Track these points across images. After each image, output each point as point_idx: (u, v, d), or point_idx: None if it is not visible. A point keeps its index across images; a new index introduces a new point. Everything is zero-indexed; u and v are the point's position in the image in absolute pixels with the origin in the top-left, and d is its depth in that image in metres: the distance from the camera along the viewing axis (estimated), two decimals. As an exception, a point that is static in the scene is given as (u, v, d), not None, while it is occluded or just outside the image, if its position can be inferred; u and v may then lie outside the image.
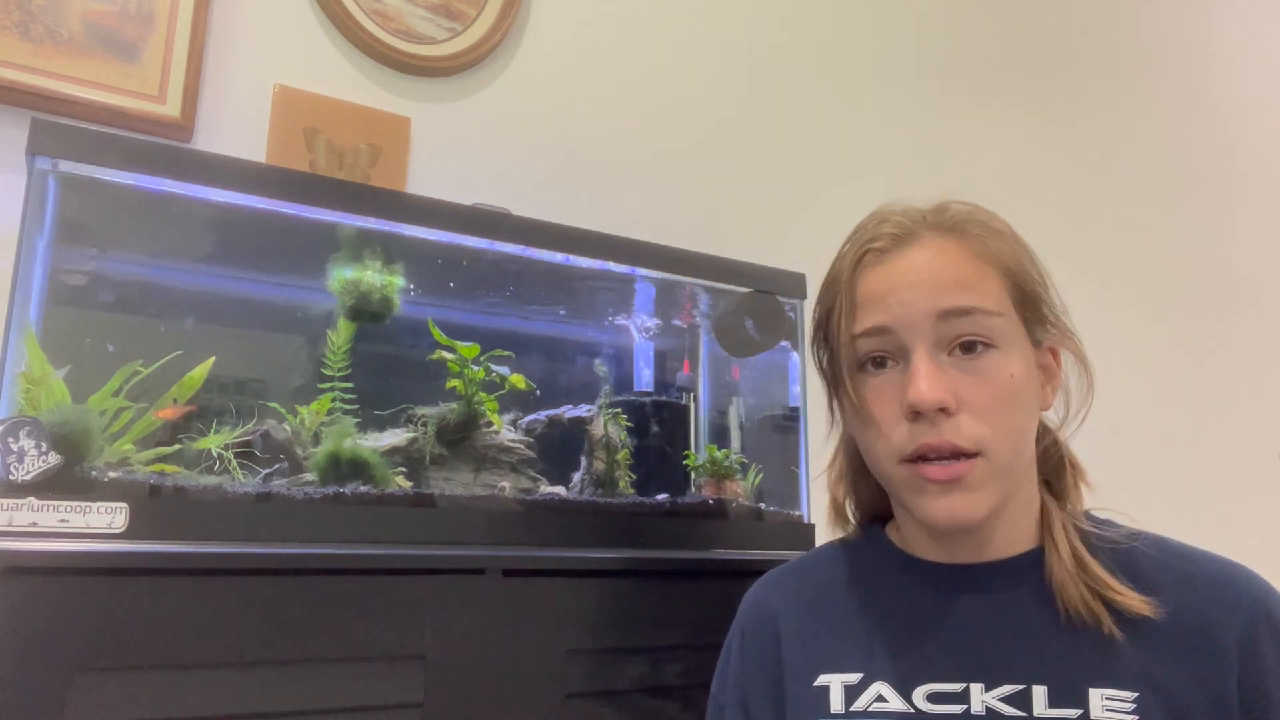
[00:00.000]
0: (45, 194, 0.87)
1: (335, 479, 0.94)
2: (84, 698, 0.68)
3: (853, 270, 0.67)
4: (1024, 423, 0.65)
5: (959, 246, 0.66)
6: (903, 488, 0.65)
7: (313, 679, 0.77)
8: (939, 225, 0.67)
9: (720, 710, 0.76)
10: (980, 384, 0.62)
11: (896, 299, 0.64)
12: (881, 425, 0.65)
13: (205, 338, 1.05)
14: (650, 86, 1.59)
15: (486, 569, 0.86)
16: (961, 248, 0.66)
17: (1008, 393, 0.63)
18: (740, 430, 1.34)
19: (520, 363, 1.13)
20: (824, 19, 1.81)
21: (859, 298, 0.66)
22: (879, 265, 0.66)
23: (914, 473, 0.63)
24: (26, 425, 0.78)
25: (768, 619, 0.74)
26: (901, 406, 0.63)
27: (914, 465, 0.63)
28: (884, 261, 0.66)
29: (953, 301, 0.63)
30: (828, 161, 1.76)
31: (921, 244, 0.66)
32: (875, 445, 0.66)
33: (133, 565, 0.73)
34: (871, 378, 0.66)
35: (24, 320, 0.84)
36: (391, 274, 1.07)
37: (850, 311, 0.66)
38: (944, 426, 0.62)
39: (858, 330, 0.66)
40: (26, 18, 1.10)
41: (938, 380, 0.62)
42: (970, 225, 0.67)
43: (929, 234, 0.66)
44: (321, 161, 1.26)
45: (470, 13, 1.41)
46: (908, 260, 0.65)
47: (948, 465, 0.62)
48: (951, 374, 0.63)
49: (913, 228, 0.67)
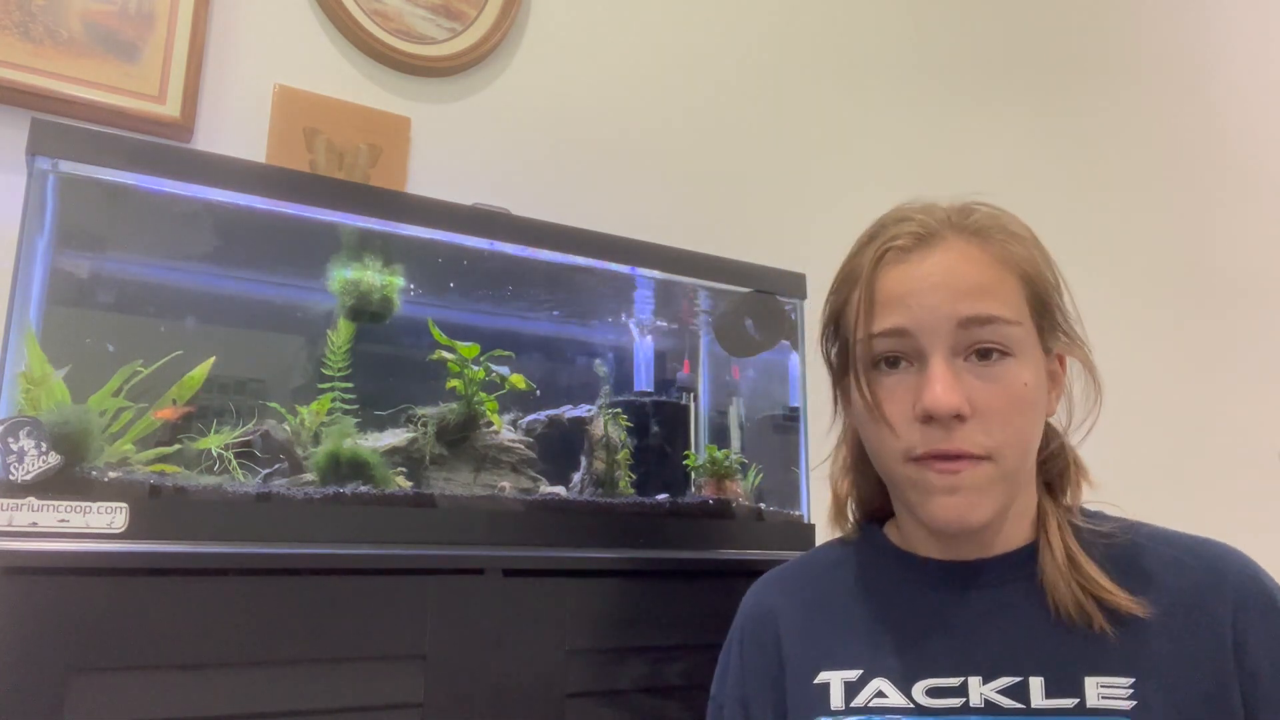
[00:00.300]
0: (45, 194, 0.87)
1: (335, 479, 0.94)
2: (84, 698, 0.68)
3: (873, 267, 0.66)
4: (1033, 430, 0.65)
5: (981, 251, 0.65)
6: (908, 487, 0.65)
7: (313, 679, 0.77)
8: (962, 228, 0.66)
9: (719, 710, 0.76)
10: (994, 391, 0.62)
11: (917, 301, 0.64)
12: (892, 424, 0.65)
13: (205, 338, 1.05)
14: (650, 86, 1.59)
15: (486, 569, 0.86)
16: (984, 252, 0.65)
17: (1020, 401, 0.63)
18: (740, 430, 1.34)
19: (520, 363, 1.13)
20: (825, 19, 1.81)
21: (878, 295, 0.66)
22: (900, 265, 0.66)
23: (921, 472, 0.63)
24: (26, 425, 0.78)
25: (768, 618, 0.75)
26: (914, 408, 0.63)
27: (921, 465, 0.63)
28: (905, 261, 0.66)
29: (974, 309, 0.63)
30: (828, 162, 1.76)
31: (944, 246, 0.65)
32: (884, 444, 0.66)
33: (133, 565, 0.73)
34: (885, 376, 0.66)
35: (24, 320, 0.84)
36: (391, 274, 1.07)
37: (869, 309, 0.66)
38: (956, 432, 0.62)
39: (876, 329, 0.65)
40: (26, 18, 1.10)
41: (954, 387, 0.61)
42: (993, 229, 0.66)
43: (952, 236, 0.66)
44: (321, 161, 1.26)
45: (470, 13, 1.41)
46: (930, 262, 0.65)
47: (954, 465, 0.62)
48: (966, 379, 0.63)
49: (936, 228, 0.66)
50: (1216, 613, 0.61)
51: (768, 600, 0.77)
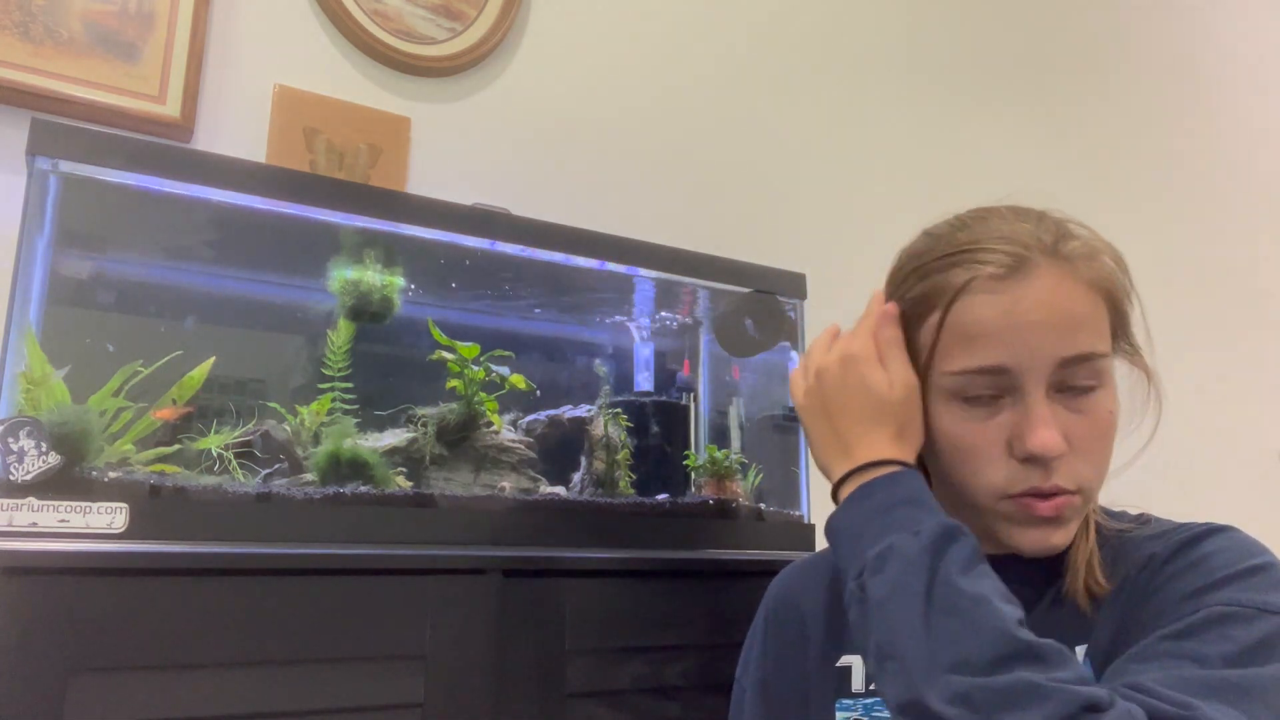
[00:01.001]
0: (45, 194, 0.87)
1: (335, 479, 0.94)
2: (84, 698, 0.68)
3: (960, 294, 0.63)
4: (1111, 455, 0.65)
5: (1075, 279, 0.63)
6: (997, 519, 0.65)
7: (313, 679, 0.77)
8: (1055, 252, 0.63)
9: (742, 694, 0.78)
10: (1086, 424, 0.62)
11: (1019, 340, 0.61)
12: (982, 460, 0.63)
13: (205, 338, 1.05)
14: (650, 86, 1.59)
15: (486, 569, 0.86)
16: (1077, 279, 0.63)
17: (1107, 429, 0.63)
18: (740, 430, 1.33)
19: (520, 363, 1.13)
20: (825, 19, 1.81)
21: (972, 329, 0.62)
22: (993, 294, 0.62)
23: (1018, 508, 0.63)
24: (26, 425, 0.77)
25: (793, 603, 0.77)
26: (1011, 446, 0.62)
27: (1016, 501, 0.63)
28: (999, 291, 0.62)
29: (1076, 348, 0.61)
30: (829, 162, 1.76)
31: (1039, 275, 0.62)
32: (972, 478, 0.64)
33: (133, 565, 0.73)
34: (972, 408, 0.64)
35: (24, 320, 0.84)
36: (391, 274, 1.07)
37: (959, 343, 0.63)
38: (1055, 471, 0.61)
39: (972, 366, 0.62)
40: (26, 18, 1.10)
41: (1055, 427, 0.60)
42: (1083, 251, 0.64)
43: (1046, 263, 0.62)
44: (321, 161, 1.26)
45: (470, 13, 1.41)
46: (1028, 296, 0.61)
47: (1053, 503, 0.62)
48: (1061, 414, 0.61)
49: (1027, 254, 0.62)
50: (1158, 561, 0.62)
51: (794, 586, 0.78)
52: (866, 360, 0.67)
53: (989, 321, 0.62)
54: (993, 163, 1.96)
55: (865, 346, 0.68)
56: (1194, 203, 2.27)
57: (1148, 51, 2.30)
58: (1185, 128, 2.31)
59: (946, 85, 1.94)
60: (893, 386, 0.65)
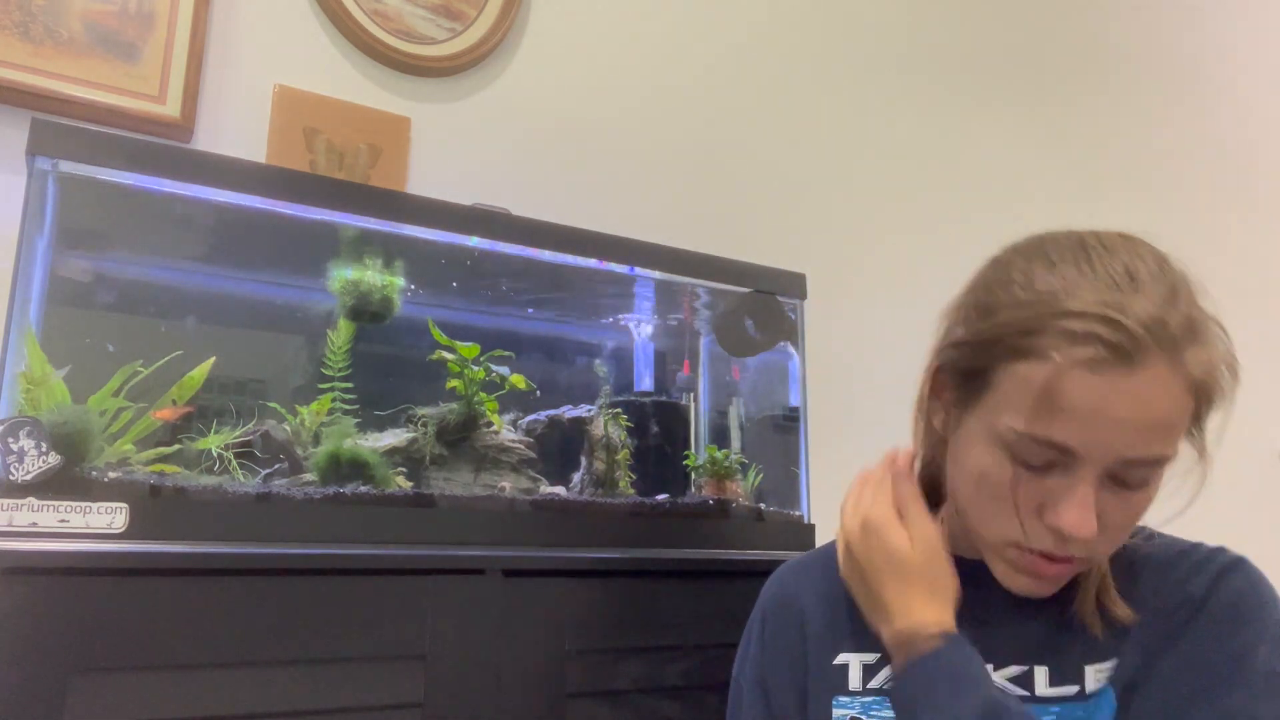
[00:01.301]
0: (45, 194, 0.87)
1: (335, 479, 0.94)
2: (84, 698, 0.68)
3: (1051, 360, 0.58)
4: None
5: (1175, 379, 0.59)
6: (997, 558, 0.65)
7: (313, 679, 0.77)
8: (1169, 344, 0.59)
9: (739, 692, 0.78)
10: (1123, 510, 0.61)
11: (1096, 430, 0.58)
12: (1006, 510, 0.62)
13: (205, 338, 1.05)
14: (650, 86, 1.59)
15: (486, 569, 0.86)
16: (1177, 379, 0.59)
17: (1141, 513, 0.62)
18: (740, 430, 1.34)
19: (520, 363, 1.13)
20: (825, 19, 1.81)
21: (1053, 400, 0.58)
22: (1094, 374, 0.57)
23: (1023, 559, 0.62)
24: (26, 425, 0.78)
25: (790, 601, 0.77)
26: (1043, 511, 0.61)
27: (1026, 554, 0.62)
28: (1100, 372, 0.57)
29: (1147, 452, 0.59)
30: (829, 162, 1.76)
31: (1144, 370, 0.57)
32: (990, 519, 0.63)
33: (133, 565, 0.73)
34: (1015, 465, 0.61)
35: (24, 320, 0.85)
36: (392, 274, 1.07)
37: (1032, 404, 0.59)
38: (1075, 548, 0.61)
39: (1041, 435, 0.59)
40: (26, 18, 1.10)
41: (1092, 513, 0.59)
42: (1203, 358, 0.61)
43: (1155, 357, 0.58)
44: (321, 161, 1.26)
45: (470, 13, 1.41)
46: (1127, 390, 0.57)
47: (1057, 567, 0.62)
48: (1102, 497, 0.60)
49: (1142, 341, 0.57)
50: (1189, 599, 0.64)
51: (791, 583, 0.78)
52: (885, 524, 0.68)
53: (1075, 399, 0.57)
54: (992, 162, 1.96)
55: (883, 510, 0.69)
56: (1194, 202, 2.27)
57: (1147, 51, 2.30)
58: (1185, 127, 2.31)
59: (946, 85, 1.94)
60: (914, 547, 0.66)
